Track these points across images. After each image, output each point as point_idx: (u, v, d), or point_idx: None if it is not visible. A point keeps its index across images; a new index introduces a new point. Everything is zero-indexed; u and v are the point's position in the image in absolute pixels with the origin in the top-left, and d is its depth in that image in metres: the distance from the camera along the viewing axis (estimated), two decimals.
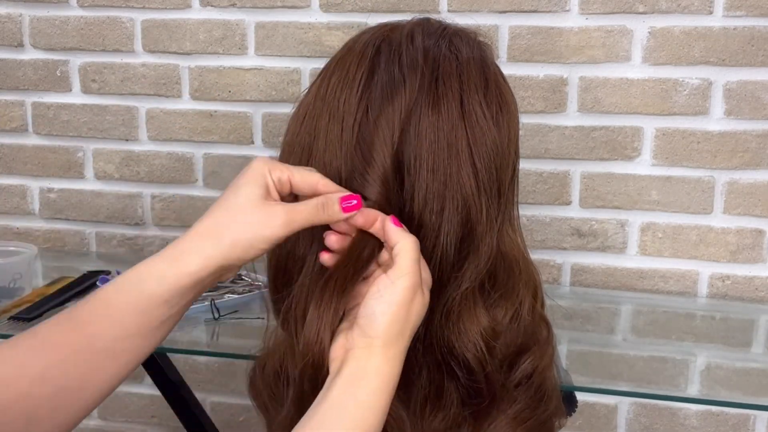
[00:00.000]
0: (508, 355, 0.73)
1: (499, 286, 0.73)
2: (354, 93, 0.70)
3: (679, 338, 1.41)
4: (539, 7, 1.53)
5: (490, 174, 0.70)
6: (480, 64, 0.72)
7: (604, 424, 1.63)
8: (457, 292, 0.70)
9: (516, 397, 0.73)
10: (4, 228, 1.82)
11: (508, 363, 0.74)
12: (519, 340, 0.74)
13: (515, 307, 0.73)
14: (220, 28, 1.65)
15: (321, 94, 0.72)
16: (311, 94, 0.73)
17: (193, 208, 1.73)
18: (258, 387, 0.79)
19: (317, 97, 0.72)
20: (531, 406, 0.74)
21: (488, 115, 0.70)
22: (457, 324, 0.70)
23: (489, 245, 0.70)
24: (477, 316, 0.71)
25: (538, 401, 0.75)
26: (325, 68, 0.74)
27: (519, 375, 0.74)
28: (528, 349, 0.75)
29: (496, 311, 0.72)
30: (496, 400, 0.72)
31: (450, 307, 0.70)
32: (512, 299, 0.73)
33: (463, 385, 0.71)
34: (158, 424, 1.85)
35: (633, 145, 1.54)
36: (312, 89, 0.74)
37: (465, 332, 0.70)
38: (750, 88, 1.49)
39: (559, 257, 1.60)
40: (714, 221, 1.54)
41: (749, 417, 1.58)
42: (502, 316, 0.72)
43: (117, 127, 1.73)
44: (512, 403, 0.73)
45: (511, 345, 0.73)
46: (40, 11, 1.72)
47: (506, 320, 0.72)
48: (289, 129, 0.74)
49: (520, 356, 0.74)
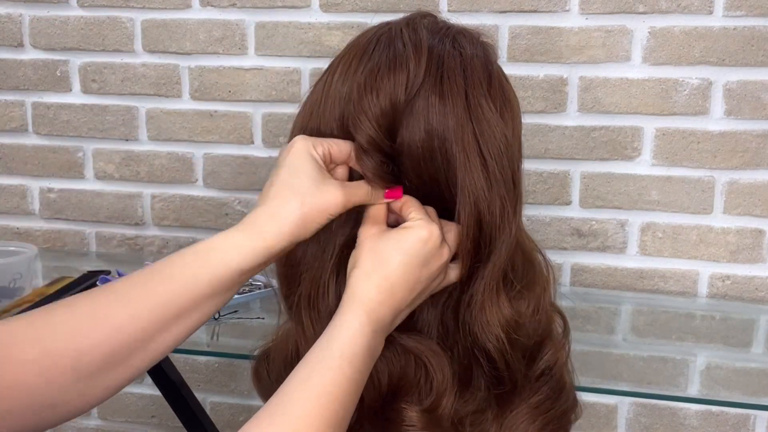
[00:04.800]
0: (530, 347, 0.75)
1: (521, 278, 0.75)
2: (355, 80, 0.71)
3: (679, 338, 1.41)
4: (539, 7, 1.53)
5: (502, 166, 0.71)
6: (483, 61, 0.73)
7: (604, 424, 1.63)
8: (480, 284, 0.72)
9: (539, 387, 0.75)
10: (4, 228, 1.82)
11: (530, 354, 0.75)
12: (540, 331, 0.76)
13: (537, 299, 0.75)
14: (220, 28, 1.65)
15: (326, 89, 0.74)
16: (317, 90, 0.75)
17: (193, 208, 1.73)
18: (263, 377, 0.80)
19: (323, 92, 0.74)
20: (552, 397, 0.76)
21: (493, 108, 0.71)
22: (480, 316, 0.72)
23: (507, 238, 0.72)
24: (500, 307, 0.72)
25: (558, 392, 0.76)
26: (330, 65, 0.76)
27: (542, 366, 0.76)
28: (548, 340, 0.77)
29: (520, 303, 0.74)
30: (518, 389, 0.74)
31: (473, 299, 0.72)
32: (535, 291, 0.75)
33: (487, 372, 0.73)
34: (158, 424, 1.85)
35: (633, 145, 1.54)
36: (317, 86, 0.75)
37: (488, 324, 0.72)
38: (750, 88, 1.49)
39: (559, 257, 1.60)
40: (714, 221, 1.54)
41: (749, 417, 1.58)
42: (525, 308, 0.74)
43: (117, 127, 1.73)
44: (534, 393, 0.75)
45: (533, 336, 0.75)
46: (40, 11, 1.72)
47: (529, 312, 0.74)
48: (296, 125, 0.76)
49: (541, 348, 0.76)
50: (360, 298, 0.68)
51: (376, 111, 0.70)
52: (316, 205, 0.69)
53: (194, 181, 1.73)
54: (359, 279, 0.68)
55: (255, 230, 0.69)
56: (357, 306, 0.67)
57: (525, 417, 0.74)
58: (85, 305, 0.69)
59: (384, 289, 0.68)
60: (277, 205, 0.69)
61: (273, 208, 0.70)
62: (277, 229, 0.69)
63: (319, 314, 0.72)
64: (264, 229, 0.69)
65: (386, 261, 0.68)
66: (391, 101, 0.70)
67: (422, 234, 0.69)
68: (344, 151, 0.72)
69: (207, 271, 0.69)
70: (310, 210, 0.69)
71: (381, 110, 0.70)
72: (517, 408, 0.74)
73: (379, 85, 0.70)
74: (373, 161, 0.71)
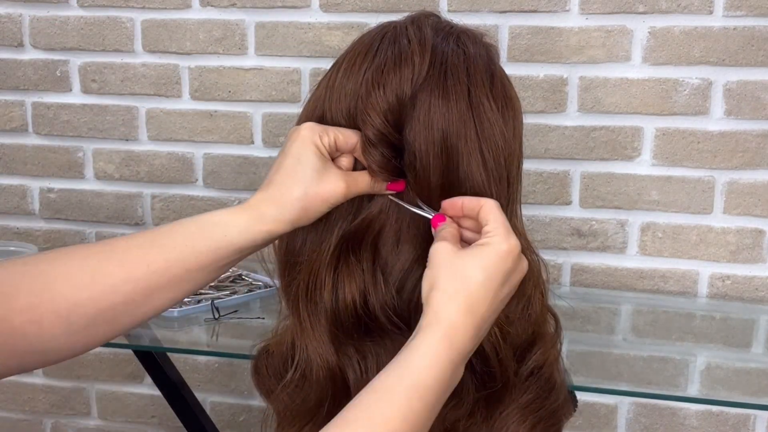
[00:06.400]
0: (520, 345, 0.75)
1: None
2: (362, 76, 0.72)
3: (679, 338, 1.41)
4: (539, 7, 1.53)
5: (499, 164, 0.72)
6: (486, 61, 0.74)
7: (604, 424, 1.63)
8: None
9: (527, 387, 0.75)
10: (4, 228, 1.82)
11: (520, 353, 0.75)
12: (530, 330, 0.75)
13: (527, 297, 0.75)
14: (220, 28, 1.65)
15: (330, 84, 0.74)
16: (321, 87, 0.76)
17: (193, 208, 1.73)
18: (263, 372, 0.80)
19: (327, 88, 0.75)
20: (541, 396, 0.75)
21: (495, 108, 0.72)
22: None
23: None
24: None
25: (548, 392, 0.76)
26: (335, 63, 0.76)
27: (531, 365, 0.75)
28: (539, 339, 0.76)
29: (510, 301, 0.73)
30: (508, 387, 0.74)
31: None
32: (523, 290, 0.74)
33: (478, 371, 0.73)
34: (158, 424, 1.85)
35: (633, 145, 1.54)
36: (322, 83, 0.76)
37: None
38: (750, 88, 1.49)
39: (559, 257, 1.60)
40: (714, 221, 1.54)
41: (749, 417, 1.58)
42: (514, 306, 0.73)
43: (117, 127, 1.73)
44: (523, 393, 0.75)
45: (523, 334, 0.75)
46: (40, 11, 1.72)
47: (518, 309, 0.74)
48: (301, 120, 0.76)
49: (531, 346, 0.76)
50: (444, 322, 0.64)
51: (384, 106, 0.71)
52: (319, 194, 0.71)
53: (194, 181, 1.73)
54: (442, 301, 0.65)
55: (258, 213, 0.72)
56: (438, 331, 0.64)
57: (515, 417, 0.74)
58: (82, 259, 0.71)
59: (467, 313, 0.65)
60: (281, 193, 0.71)
61: (276, 194, 0.72)
62: (279, 214, 0.71)
63: (316, 307, 0.72)
64: (267, 213, 0.71)
65: (469, 284, 0.65)
66: (397, 96, 0.71)
67: (502, 249, 0.66)
68: (350, 141, 0.72)
69: (207, 245, 0.71)
70: (313, 198, 0.71)
71: (388, 105, 0.71)
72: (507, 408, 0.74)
73: (386, 80, 0.71)
74: (379, 154, 0.71)
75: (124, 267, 0.70)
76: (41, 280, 0.68)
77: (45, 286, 0.68)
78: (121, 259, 0.70)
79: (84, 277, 0.69)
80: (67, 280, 0.69)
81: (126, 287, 0.70)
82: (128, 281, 0.70)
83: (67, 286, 0.69)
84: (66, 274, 0.69)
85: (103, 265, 0.70)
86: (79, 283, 0.69)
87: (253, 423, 1.80)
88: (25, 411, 1.90)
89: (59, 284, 0.68)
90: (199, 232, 0.72)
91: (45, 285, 0.68)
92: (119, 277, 0.70)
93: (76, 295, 0.69)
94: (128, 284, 0.70)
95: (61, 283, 0.69)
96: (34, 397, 1.88)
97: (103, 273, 0.70)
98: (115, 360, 1.83)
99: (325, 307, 0.71)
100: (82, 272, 0.69)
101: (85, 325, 0.69)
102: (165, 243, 0.71)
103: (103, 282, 0.69)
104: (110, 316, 0.70)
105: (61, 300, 0.68)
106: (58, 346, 0.69)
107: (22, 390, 1.89)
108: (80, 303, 0.69)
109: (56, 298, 0.68)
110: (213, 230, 0.72)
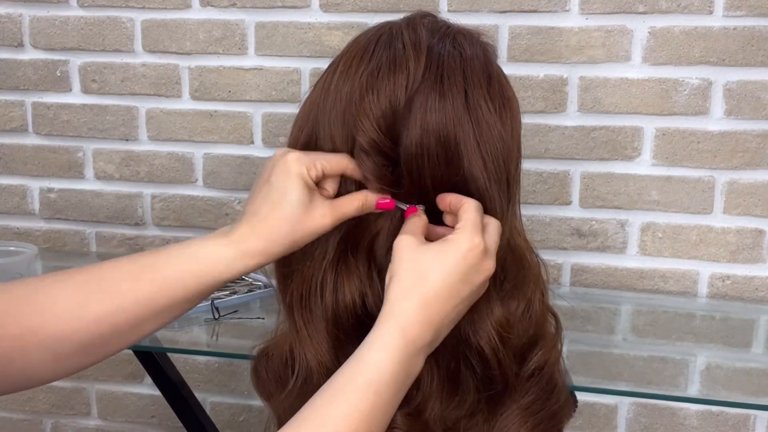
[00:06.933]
0: (521, 347, 0.75)
1: (511, 278, 0.75)
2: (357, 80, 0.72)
3: (679, 338, 1.41)
4: (539, 7, 1.53)
5: (498, 166, 0.71)
6: (483, 61, 0.74)
7: (604, 424, 1.63)
8: None
9: (528, 388, 0.75)
10: (4, 228, 1.82)
11: (521, 354, 0.75)
12: (531, 331, 0.75)
13: (527, 299, 0.75)
14: (220, 28, 1.65)
15: (326, 87, 0.74)
16: (317, 89, 0.75)
17: (193, 208, 1.73)
18: (262, 376, 0.80)
19: (323, 90, 0.74)
20: (542, 397, 0.76)
21: (492, 109, 0.72)
22: (472, 315, 0.71)
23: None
24: (491, 307, 0.72)
25: (549, 393, 0.76)
26: (331, 65, 0.76)
27: (532, 366, 0.75)
28: (539, 341, 0.76)
29: (510, 303, 0.74)
30: (509, 389, 0.74)
31: None
32: (524, 291, 0.74)
33: (478, 373, 0.73)
34: (158, 424, 1.85)
35: (633, 145, 1.54)
36: (318, 85, 0.76)
37: (479, 323, 0.72)
38: (750, 88, 1.49)
39: (559, 257, 1.60)
40: (714, 221, 1.54)
41: (749, 417, 1.58)
42: (515, 308, 0.74)
43: (117, 127, 1.73)
44: (524, 394, 0.75)
45: (523, 336, 0.75)
46: (40, 11, 1.72)
47: (519, 312, 0.74)
48: (296, 123, 0.76)
49: (531, 348, 0.76)
50: (397, 317, 0.66)
51: (377, 112, 0.70)
52: (306, 227, 0.71)
53: (194, 181, 1.73)
54: (398, 296, 0.66)
55: (245, 247, 0.71)
56: (393, 325, 0.65)
57: (516, 419, 0.74)
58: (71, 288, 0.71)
59: (423, 307, 0.66)
60: (269, 229, 0.71)
61: (264, 230, 0.71)
62: (266, 248, 0.71)
63: (312, 314, 0.73)
64: (254, 248, 0.71)
65: (427, 277, 0.66)
66: (391, 102, 0.70)
67: (463, 247, 0.67)
68: (336, 167, 0.72)
69: (195, 281, 0.72)
70: (301, 233, 0.71)
71: (381, 111, 0.70)
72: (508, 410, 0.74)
73: (380, 85, 0.70)
74: (372, 163, 0.71)
75: (113, 300, 0.71)
76: (29, 310, 0.69)
77: (33, 316, 0.69)
78: (111, 291, 0.71)
79: (72, 308, 0.70)
80: (54, 312, 0.70)
81: (113, 319, 0.71)
82: (116, 313, 0.71)
83: (55, 318, 0.69)
84: (54, 305, 0.70)
85: (92, 297, 0.71)
86: (67, 315, 0.70)
87: (253, 423, 1.80)
88: (25, 411, 1.90)
89: (47, 315, 0.69)
90: (186, 266, 0.72)
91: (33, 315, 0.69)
92: (107, 309, 0.71)
93: (63, 327, 0.69)
94: (116, 316, 0.71)
95: (49, 314, 0.69)
96: (34, 397, 1.89)
97: (90, 305, 0.71)
98: (115, 360, 1.83)
99: (326, 309, 0.71)
100: (71, 304, 0.70)
101: (71, 354, 0.71)
102: (154, 277, 0.72)
103: (90, 314, 0.70)
104: (97, 344, 0.71)
105: (49, 331, 0.69)
106: (44, 372, 0.71)
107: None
108: (67, 335, 0.70)
109: (44, 329, 0.69)
110: (201, 265, 0.72)
